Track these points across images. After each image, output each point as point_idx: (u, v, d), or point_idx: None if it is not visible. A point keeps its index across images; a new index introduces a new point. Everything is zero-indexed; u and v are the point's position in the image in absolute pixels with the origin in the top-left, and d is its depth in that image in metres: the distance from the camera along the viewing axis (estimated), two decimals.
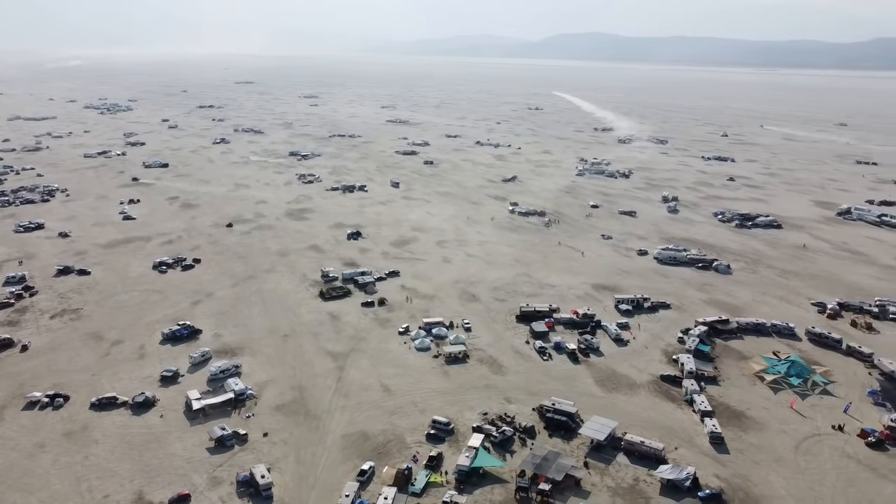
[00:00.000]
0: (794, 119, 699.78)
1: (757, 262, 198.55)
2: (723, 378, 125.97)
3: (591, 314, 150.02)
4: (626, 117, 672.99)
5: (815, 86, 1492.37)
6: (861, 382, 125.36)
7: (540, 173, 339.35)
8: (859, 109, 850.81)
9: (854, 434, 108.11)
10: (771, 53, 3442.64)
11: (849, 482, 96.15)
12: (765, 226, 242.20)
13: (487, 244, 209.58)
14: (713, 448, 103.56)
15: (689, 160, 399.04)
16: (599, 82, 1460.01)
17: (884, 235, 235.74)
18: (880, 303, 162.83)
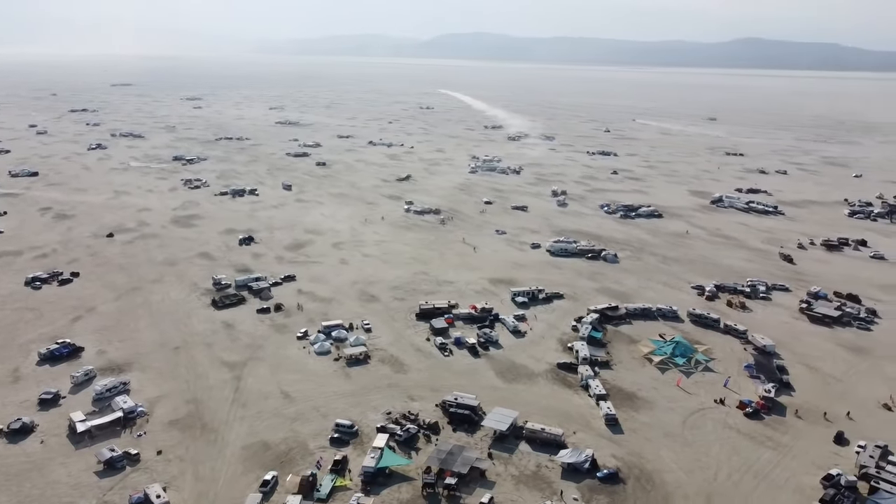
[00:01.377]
0: (668, 115, 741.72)
1: (641, 251, 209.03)
2: (615, 362, 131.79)
3: (489, 308, 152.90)
4: (514, 115, 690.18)
5: (686, 83, 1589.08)
6: (738, 358, 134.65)
7: (434, 171, 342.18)
8: (726, 105, 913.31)
9: (734, 406, 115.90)
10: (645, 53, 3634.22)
11: (731, 451, 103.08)
12: (647, 216, 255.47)
13: (384, 244, 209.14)
14: (609, 429, 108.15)
15: (576, 155, 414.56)
16: (487, 81, 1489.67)
17: (752, 221, 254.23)
18: (751, 283, 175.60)
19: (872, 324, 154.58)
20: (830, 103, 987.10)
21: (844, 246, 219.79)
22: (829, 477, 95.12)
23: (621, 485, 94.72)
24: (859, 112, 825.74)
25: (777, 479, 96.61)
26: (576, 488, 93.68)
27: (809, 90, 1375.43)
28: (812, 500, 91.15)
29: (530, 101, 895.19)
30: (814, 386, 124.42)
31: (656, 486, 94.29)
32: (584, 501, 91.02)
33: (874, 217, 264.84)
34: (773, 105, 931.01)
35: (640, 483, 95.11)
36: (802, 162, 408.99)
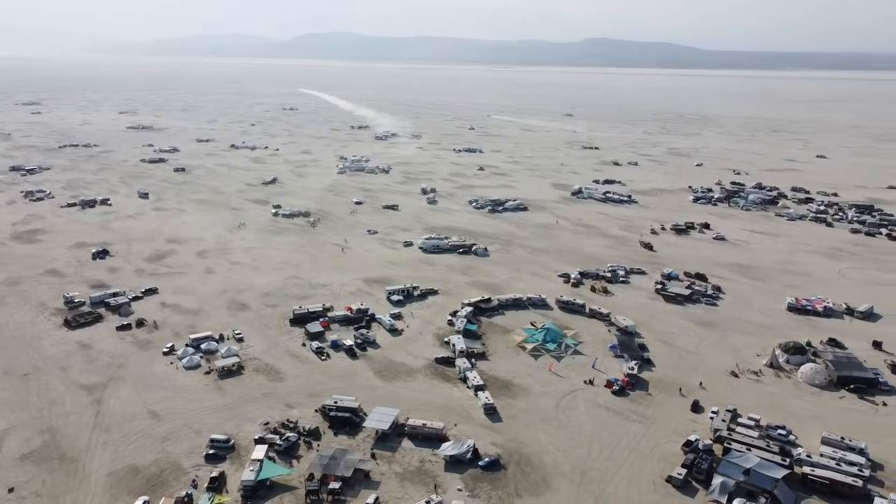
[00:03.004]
0: (529, 111, 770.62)
1: (510, 243, 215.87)
2: (491, 353, 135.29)
3: (365, 308, 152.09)
4: (381, 114, 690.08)
5: (544, 81, 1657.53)
6: (603, 339, 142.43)
7: (301, 173, 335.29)
8: (581, 101, 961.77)
9: (602, 385, 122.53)
10: (505, 52, 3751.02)
11: (602, 427, 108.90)
12: (513, 209, 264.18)
13: (253, 250, 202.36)
14: (488, 419, 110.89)
15: (443, 153, 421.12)
16: (352, 81, 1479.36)
17: (610, 210, 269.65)
18: (612, 268, 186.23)
19: (718, 299, 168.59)
20: (671, 98, 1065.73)
21: (691, 229, 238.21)
22: (688, 443, 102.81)
23: (503, 471, 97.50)
24: (697, 106, 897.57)
25: (643, 449, 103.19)
26: (459, 479, 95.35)
27: (653, 86, 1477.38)
28: (675, 465, 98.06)
29: (395, 101, 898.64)
30: (671, 360, 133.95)
31: (535, 469, 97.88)
32: (467, 491, 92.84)
33: (714, 202, 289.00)
34: (622, 101, 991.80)
35: (521, 467, 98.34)
36: (651, 153, 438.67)
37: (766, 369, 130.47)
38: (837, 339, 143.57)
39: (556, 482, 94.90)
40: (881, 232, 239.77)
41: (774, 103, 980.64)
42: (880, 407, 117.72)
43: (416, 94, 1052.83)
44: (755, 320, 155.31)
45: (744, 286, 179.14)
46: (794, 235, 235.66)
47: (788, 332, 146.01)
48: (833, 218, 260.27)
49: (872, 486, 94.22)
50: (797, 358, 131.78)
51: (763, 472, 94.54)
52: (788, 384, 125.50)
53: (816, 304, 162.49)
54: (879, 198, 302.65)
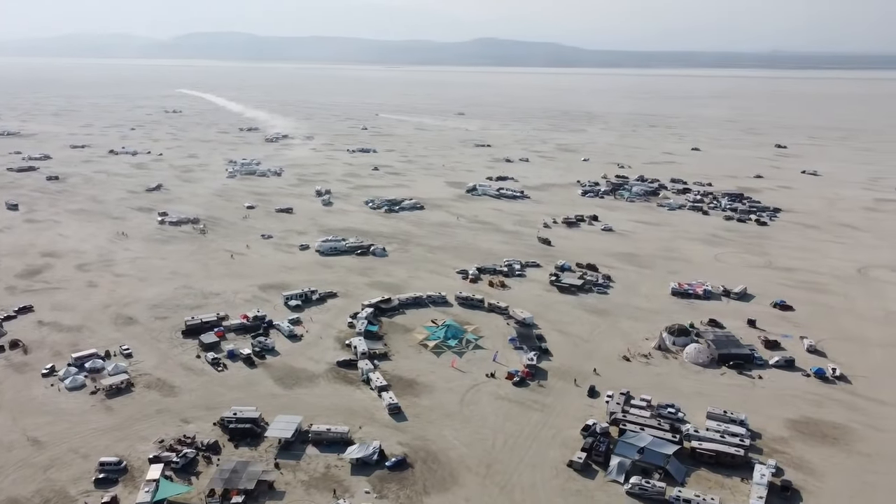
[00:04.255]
0: (422, 111, 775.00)
1: (407, 242, 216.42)
2: (393, 353, 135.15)
3: (262, 315, 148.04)
4: (271, 116, 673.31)
5: (435, 81, 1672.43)
6: (503, 333, 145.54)
7: (188, 179, 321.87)
8: (472, 100, 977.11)
9: (503, 378, 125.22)
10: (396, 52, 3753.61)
11: (505, 419, 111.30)
12: (410, 208, 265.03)
13: (139, 260, 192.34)
14: (393, 419, 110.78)
15: (336, 154, 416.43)
16: (240, 82, 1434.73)
17: (504, 206, 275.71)
18: (508, 263, 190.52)
19: (608, 288, 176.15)
20: (558, 96, 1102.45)
21: (580, 222, 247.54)
22: (586, 427, 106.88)
23: (410, 469, 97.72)
24: (582, 103, 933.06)
25: (545, 437, 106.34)
26: (366, 481, 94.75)
27: (540, 85, 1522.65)
28: (575, 450, 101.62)
29: (287, 102, 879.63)
30: (567, 348, 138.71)
31: (442, 465, 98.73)
32: (375, 493, 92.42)
33: (601, 195, 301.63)
34: (511, 99, 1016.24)
35: (427, 464, 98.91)
36: (541, 150, 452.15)
37: (654, 352, 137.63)
38: (717, 319, 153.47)
39: (463, 476, 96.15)
40: (751, 218, 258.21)
41: (652, 100, 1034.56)
42: (756, 380, 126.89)
43: (308, 95, 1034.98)
44: (643, 306, 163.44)
45: (631, 274, 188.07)
46: (675, 224, 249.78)
47: (673, 316, 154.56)
48: (708, 206, 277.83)
49: (752, 454, 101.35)
50: (682, 339, 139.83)
51: (656, 450, 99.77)
52: (675, 364, 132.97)
53: (697, 287, 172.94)
54: (748, 186, 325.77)
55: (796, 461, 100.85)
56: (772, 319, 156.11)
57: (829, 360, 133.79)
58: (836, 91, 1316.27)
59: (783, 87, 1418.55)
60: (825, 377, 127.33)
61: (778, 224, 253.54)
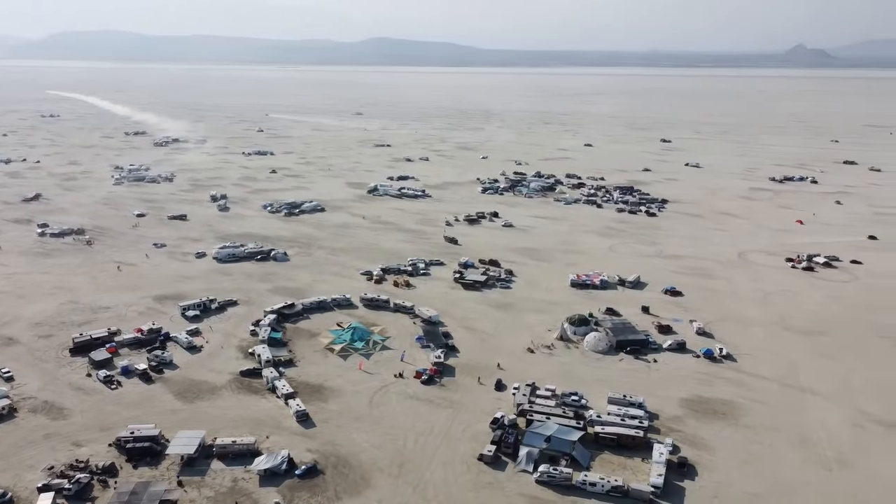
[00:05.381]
0: (319, 111, 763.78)
1: (309, 245, 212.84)
2: (298, 359, 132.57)
3: (158, 328, 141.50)
4: (160, 118, 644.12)
5: (331, 80, 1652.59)
6: (409, 332, 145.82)
7: (69, 187, 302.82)
8: (370, 100, 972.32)
9: (412, 377, 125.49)
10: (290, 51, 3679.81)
11: (415, 418, 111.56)
12: (311, 211, 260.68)
13: (17, 276, 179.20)
14: (301, 426, 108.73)
15: (231, 157, 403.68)
16: (122, 83, 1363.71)
17: (405, 205, 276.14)
18: (412, 262, 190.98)
19: (511, 283, 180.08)
20: (455, 96, 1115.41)
21: (482, 219, 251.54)
22: (495, 420, 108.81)
23: (321, 476, 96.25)
24: (479, 102, 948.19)
25: (455, 432, 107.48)
26: (276, 492, 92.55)
27: (437, 84, 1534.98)
28: (485, 443, 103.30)
29: (176, 104, 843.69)
30: (473, 344, 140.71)
31: (353, 468, 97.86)
32: (285, 502, 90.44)
33: (501, 191, 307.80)
34: (409, 98, 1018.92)
35: (338, 469, 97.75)
36: (440, 148, 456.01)
37: (557, 342, 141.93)
38: (614, 307, 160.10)
39: (375, 478, 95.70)
40: (641, 210, 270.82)
41: (546, 98, 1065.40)
42: (652, 364, 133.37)
43: (199, 97, 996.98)
44: (544, 298, 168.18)
45: (532, 268, 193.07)
46: (572, 218, 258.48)
47: (573, 306, 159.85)
48: (602, 200, 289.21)
49: (651, 435, 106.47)
50: (582, 329, 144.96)
51: (562, 437, 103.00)
52: (577, 353, 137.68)
53: (594, 278, 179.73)
54: (637, 179, 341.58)
55: (691, 438, 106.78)
56: (664, 305, 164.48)
57: (717, 341, 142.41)
58: (709, 88, 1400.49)
59: (662, 85, 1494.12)
60: (713, 357, 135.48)
61: (666, 214, 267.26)
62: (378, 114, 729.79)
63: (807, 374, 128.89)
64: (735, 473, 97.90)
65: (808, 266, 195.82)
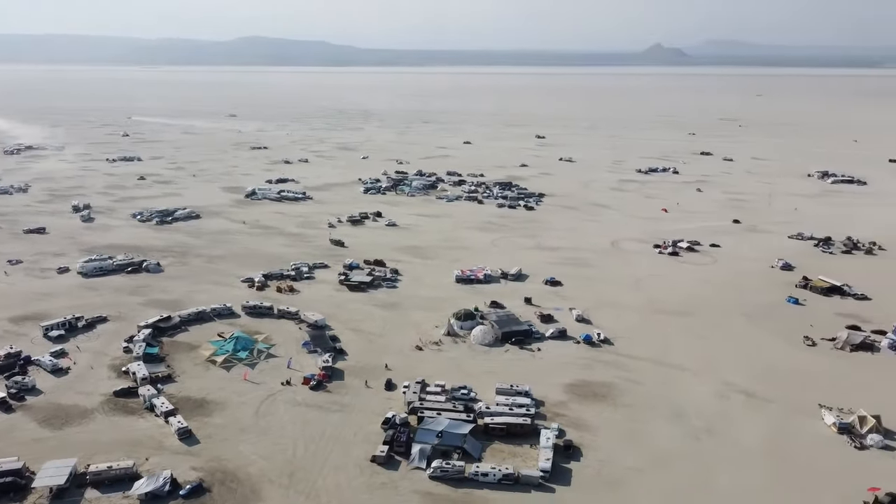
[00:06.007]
0: (189, 113, 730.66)
1: (185, 255, 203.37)
2: (178, 374, 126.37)
3: (17, 352, 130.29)
4: (10, 124, 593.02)
5: (201, 81, 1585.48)
6: (295, 338, 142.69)
7: None
8: (243, 101, 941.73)
9: (300, 384, 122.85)
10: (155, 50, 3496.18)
11: (304, 425, 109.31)
12: (185, 218, 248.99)
13: None
14: (184, 443, 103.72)
15: (94, 164, 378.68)
16: None
17: (286, 209, 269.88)
18: (295, 266, 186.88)
19: (397, 282, 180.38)
20: (333, 95, 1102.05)
21: (365, 219, 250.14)
22: (386, 420, 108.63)
23: (207, 494, 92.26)
24: (358, 102, 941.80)
25: (347, 436, 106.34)
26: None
27: (313, 84, 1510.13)
28: (378, 445, 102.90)
29: (27, 109, 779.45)
30: (362, 346, 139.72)
31: (242, 482, 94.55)
32: None
33: (383, 191, 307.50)
34: (285, 99, 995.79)
35: (226, 485, 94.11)
36: (320, 149, 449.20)
37: (444, 338, 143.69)
38: (498, 300, 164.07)
39: (266, 490, 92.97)
40: (520, 204, 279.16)
41: (424, 97, 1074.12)
42: (536, 353, 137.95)
43: (54, 100, 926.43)
44: (430, 295, 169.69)
45: (417, 266, 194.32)
46: (454, 215, 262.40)
47: (459, 301, 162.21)
48: (482, 196, 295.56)
49: (538, 421, 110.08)
50: (468, 323, 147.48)
51: (453, 431, 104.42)
52: (464, 347, 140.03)
53: (478, 272, 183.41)
54: (515, 175, 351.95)
55: (575, 421, 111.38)
56: (545, 295, 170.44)
57: (595, 327, 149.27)
58: (577, 85, 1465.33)
59: (533, 83, 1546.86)
60: (592, 342, 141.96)
61: (543, 208, 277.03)
62: (253, 115, 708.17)
63: (677, 352, 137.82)
64: (616, 450, 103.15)
65: (673, 251, 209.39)
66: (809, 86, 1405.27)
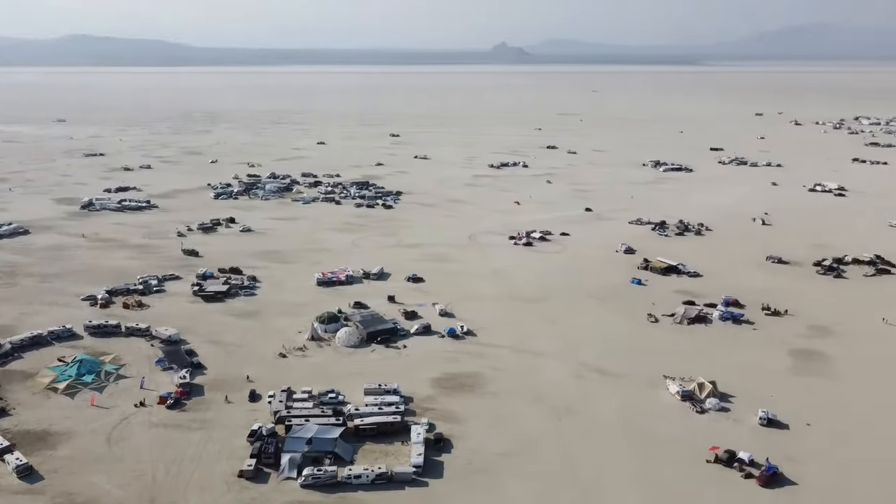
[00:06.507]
0: (9, 119, 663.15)
1: (14, 275, 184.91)
2: (12, 406, 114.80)
3: None
4: None
5: (22, 83, 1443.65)
6: (147, 355, 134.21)
7: None
8: (72, 104, 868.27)
9: (155, 404, 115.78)
10: None
11: (163, 447, 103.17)
12: (10, 235, 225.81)
13: None
14: (25, 482, 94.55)
15: None
16: None
17: (128, 219, 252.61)
18: (143, 280, 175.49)
19: (256, 289, 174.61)
20: (174, 97, 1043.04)
21: (217, 226, 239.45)
22: (253, 433, 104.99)
23: None
24: (203, 104, 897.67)
25: (211, 453, 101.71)
26: None
27: (151, 85, 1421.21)
28: (244, 458, 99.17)
29: None
30: (221, 358, 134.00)
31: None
32: None
33: (235, 195, 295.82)
34: (121, 101, 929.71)
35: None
36: (163, 154, 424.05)
37: (309, 343, 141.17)
38: (361, 301, 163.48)
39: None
40: (378, 203, 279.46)
41: (275, 97, 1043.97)
42: (402, 350, 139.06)
43: None
44: (292, 300, 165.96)
45: (276, 271, 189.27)
46: (312, 217, 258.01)
47: (322, 305, 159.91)
48: (340, 196, 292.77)
49: (408, 418, 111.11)
50: (333, 326, 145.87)
51: (323, 437, 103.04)
52: (330, 351, 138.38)
53: (339, 274, 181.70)
54: (372, 174, 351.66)
55: (444, 414, 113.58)
56: (408, 292, 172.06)
57: (458, 320, 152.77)
58: (427, 83, 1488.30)
59: (384, 82, 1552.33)
60: (456, 335, 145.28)
61: (401, 206, 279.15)
62: (85, 120, 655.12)
63: (535, 338, 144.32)
64: (485, 439, 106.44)
65: (527, 242, 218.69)
66: (639, 82, 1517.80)
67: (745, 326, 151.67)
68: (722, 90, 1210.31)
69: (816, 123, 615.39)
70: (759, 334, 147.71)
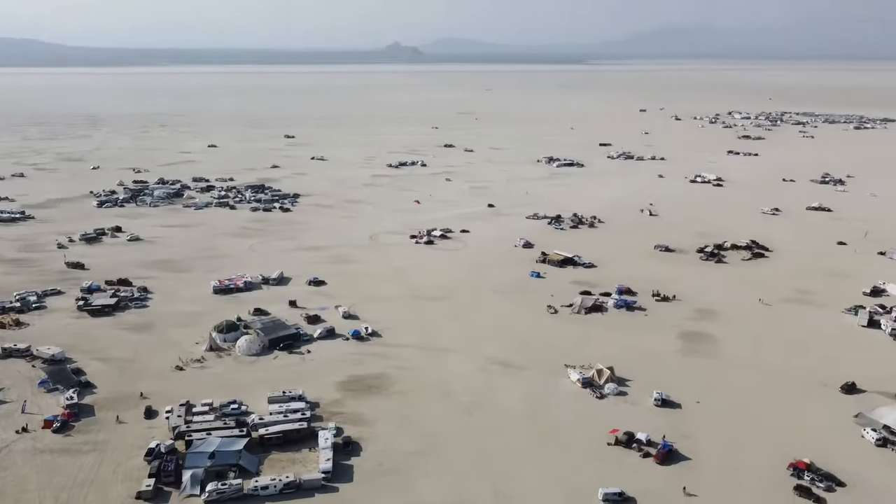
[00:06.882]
0: None
1: None
2: None
3: None
4: None
5: None
6: (29, 377, 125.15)
7: None
8: None
9: (40, 428, 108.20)
10: None
11: (51, 473, 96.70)
12: None
13: None
14: None
15: None
16: None
17: (8, 232, 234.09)
18: (20, 297, 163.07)
19: (147, 300, 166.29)
20: (47, 99, 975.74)
21: (102, 236, 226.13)
22: (150, 451, 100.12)
23: None
24: (81, 106, 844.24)
25: (105, 477, 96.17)
26: None
27: (22, 86, 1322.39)
28: (142, 479, 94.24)
29: None
30: (112, 375, 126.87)
31: None
32: None
33: (121, 203, 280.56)
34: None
35: None
36: (37, 161, 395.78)
37: (207, 354, 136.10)
38: (261, 307, 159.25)
39: None
40: (275, 206, 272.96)
41: (159, 98, 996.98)
42: (306, 355, 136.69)
43: None
44: (187, 310, 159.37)
45: (170, 281, 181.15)
46: (205, 223, 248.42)
47: (220, 313, 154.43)
48: (234, 201, 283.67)
49: (315, 423, 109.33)
50: (232, 335, 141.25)
51: (226, 450, 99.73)
52: (230, 361, 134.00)
53: (237, 281, 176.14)
54: (267, 177, 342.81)
55: (352, 417, 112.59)
56: (310, 296, 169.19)
57: (362, 321, 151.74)
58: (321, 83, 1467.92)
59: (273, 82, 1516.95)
60: (361, 337, 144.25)
61: (300, 208, 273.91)
62: None
63: (440, 335, 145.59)
64: (394, 439, 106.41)
65: (428, 240, 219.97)
66: (530, 81, 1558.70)
67: (638, 313, 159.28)
68: (607, 88, 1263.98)
69: (694, 119, 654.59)
70: (651, 320, 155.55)
